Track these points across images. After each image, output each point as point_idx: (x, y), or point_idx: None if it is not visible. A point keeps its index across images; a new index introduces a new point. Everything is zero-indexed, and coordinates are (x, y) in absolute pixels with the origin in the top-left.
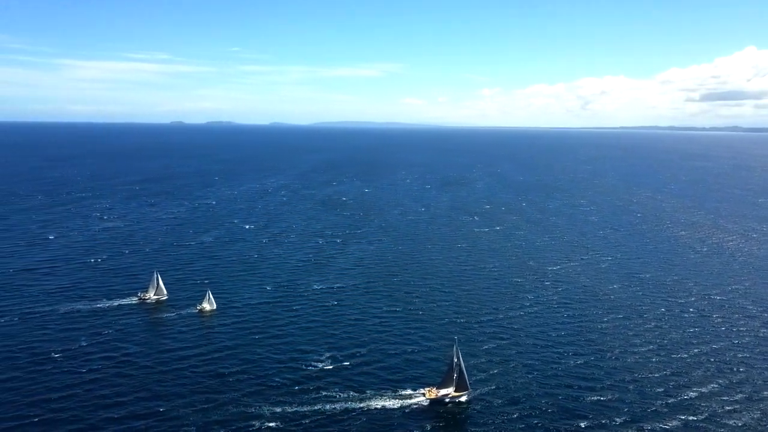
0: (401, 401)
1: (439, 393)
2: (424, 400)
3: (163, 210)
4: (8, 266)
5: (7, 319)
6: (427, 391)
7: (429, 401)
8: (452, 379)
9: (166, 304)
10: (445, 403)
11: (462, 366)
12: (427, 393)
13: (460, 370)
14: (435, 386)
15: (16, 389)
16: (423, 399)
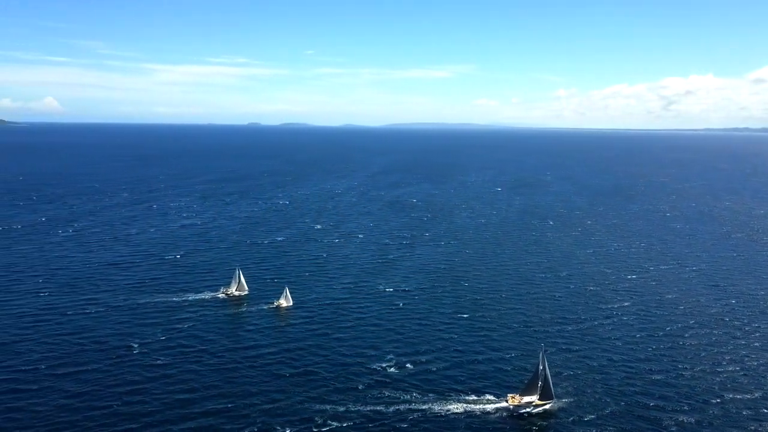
0: (476, 406)
1: (523, 400)
2: (507, 406)
3: (238, 209)
4: (96, 260)
5: (93, 309)
6: (510, 398)
7: (511, 407)
8: (537, 386)
9: (246, 300)
10: (527, 411)
11: (548, 374)
12: (510, 399)
13: (546, 378)
14: (518, 393)
15: (96, 379)
16: (505, 405)
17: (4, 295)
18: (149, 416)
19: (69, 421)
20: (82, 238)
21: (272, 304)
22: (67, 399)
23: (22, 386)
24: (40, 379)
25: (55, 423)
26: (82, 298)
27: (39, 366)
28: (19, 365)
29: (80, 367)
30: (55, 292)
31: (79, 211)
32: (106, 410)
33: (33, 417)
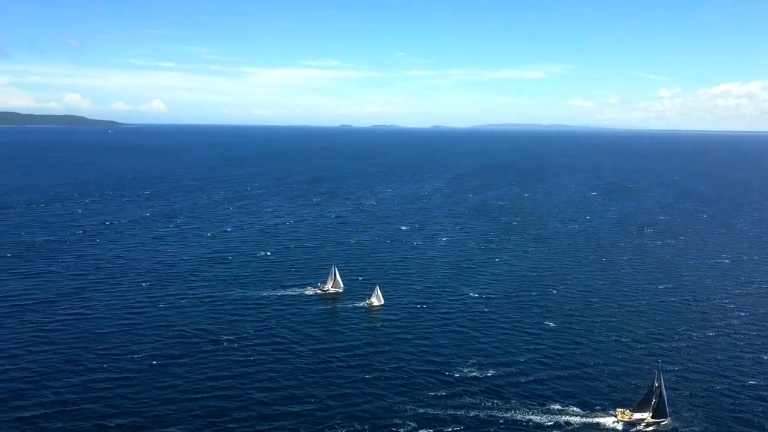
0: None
1: (634, 416)
2: (615, 421)
3: (327, 208)
4: (193, 255)
5: (187, 302)
6: (620, 413)
7: (621, 423)
8: (650, 403)
9: (341, 297)
10: (637, 429)
11: (663, 391)
12: (620, 415)
13: (660, 395)
14: (629, 408)
15: (188, 371)
16: (613, 420)
17: (109, 286)
18: (236, 411)
19: (163, 411)
20: (181, 233)
21: (364, 302)
22: (161, 390)
23: (122, 374)
24: (138, 368)
25: (150, 412)
26: (177, 291)
27: (135, 355)
28: (120, 353)
29: (174, 359)
30: (154, 284)
31: (179, 208)
32: (197, 402)
33: (133, 404)
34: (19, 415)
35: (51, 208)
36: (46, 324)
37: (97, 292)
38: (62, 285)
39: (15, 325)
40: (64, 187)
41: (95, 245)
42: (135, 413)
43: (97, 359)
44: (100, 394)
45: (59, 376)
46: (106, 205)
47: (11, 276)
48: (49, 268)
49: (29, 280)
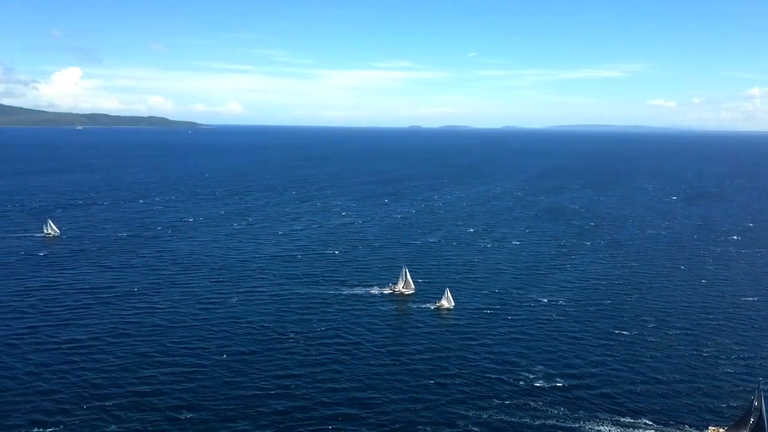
0: None
1: None
2: None
3: (394, 209)
4: (263, 251)
5: (257, 298)
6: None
7: None
8: (748, 423)
9: (411, 298)
10: None
11: (763, 412)
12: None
13: (760, 416)
14: (723, 428)
15: (255, 363)
16: None
17: (184, 281)
18: (296, 400)
19: (230, 406)
20: (253, 231)
21: (434, 304)
22: (228, 385)
23: (192, 368)
24: (207, 362)
25: (218, 406)
26: (247, 288)
27: (208, 346)
28: (192, 347)
29: (242, 354)
30: (225, 280)
31: (252, 206)
32: (261, 398)
33: (201, 398)
34: (99, 404)
35: (133, 205)
36: (125, 316)
37: (173, 287)
38: (140, 279)
39: (98, 315)
40: (146, 185)
41: (172, 241)
42: (203, 407)
43: (169, 352)
44: (172, 387)
45: (133, 368)
46: (184, 203)
47: (96, 268)
48: (129, 262)
49: (111, 273)
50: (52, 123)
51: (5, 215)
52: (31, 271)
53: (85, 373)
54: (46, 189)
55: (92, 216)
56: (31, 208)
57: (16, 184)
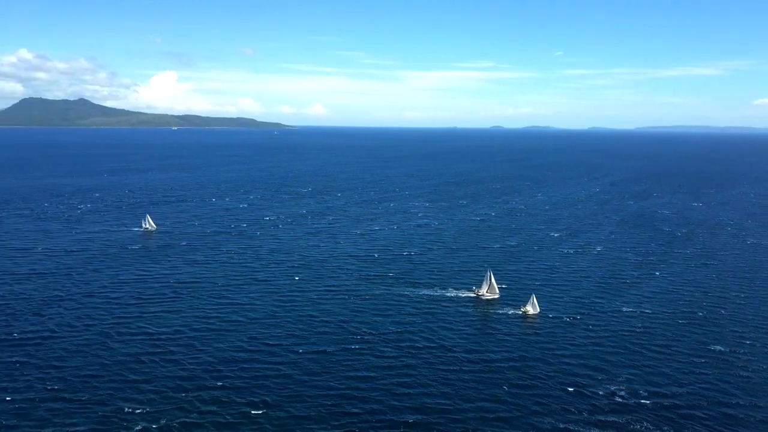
0: None
1: None
2: None
3: (472, 211)
4: (341, 250)
5: (334, 296)
6: None
7: None
8: None
9: (495, 303)
10: None
11: None
12: None
13: None
14: None
15: (329, 361)
16: None
17: (265, 275)
18: (368, 402)
19: (302, 401)
20: (332, 230)
21: (518, 309)
22: (303, 377)
23: (269, 364)
24: (283, 359)
25: (291, 402)
26: (325, 286)
27: (284, 343)
28: (270, 343)
29: (317, 352)
30: (304, 277)
31: (332, 206)
32: (333, 393)
33: (275, 394)
34: (180, 395)
35: (221, 203)
36: (207, 310)
37: (254, 283)
38: (224, 274)
39: (183, 309)
40: (232, 184)
41: (255, 238)
42: (277, 405)
43: (246, 347)
44: (248, 382)
45: (213, 361)
46: (268, 201)
47: (184, 263)
48: (215, 258)
49: (197, 267)
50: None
51: (107, 210)
52: (127, 264)
53: (167, 365)
54: (144, 186)
55: (183, 212)
56: (130, 204)
57: (117, 181)
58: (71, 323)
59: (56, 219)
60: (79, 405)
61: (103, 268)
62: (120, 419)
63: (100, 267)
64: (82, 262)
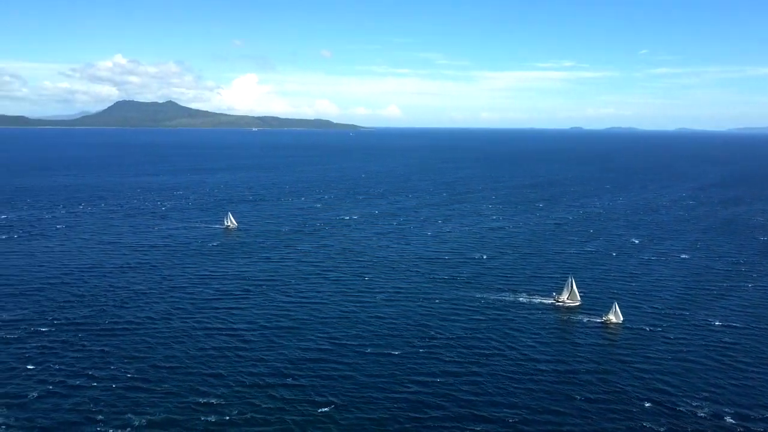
0: None
1: None
2: None
3: (548, 214)
4: (412, 252)
5: (403, 296)
6: None
7: None
8: None
9: (576, 310)
10: None
11: None
12: None
13: None
14: None
15: (394, 364)
16: None
17: (336, 274)
18: (433, 409)
19: (368, 398)
20: (403, 231)
21: (600, 317)
22: (369, 378)
23: (337, 357)
24: (351, 355)
25: (357, 399)
26: (394, 286)
27: (349, 342)
28: (338, 338)
29: (385, 350)
30: (375, 277)
31: (404, 206)
32: (397, 395)
33: (345, 387)
34: (251, 389)
35: (296, 202)
36: (280, 308)
37: (325, 282)
38: (296, 272)
39: (256, 305)
40: (308, 184)
41: (328, 237)
42: (342, 404)
43: (316, 345)
44: (315, 380)
45: (282, 357)
46: (340, 201)
47: (259, 260)
48: (289, 256)
49: (272, 264)
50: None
51: (190, 207)
52: (207, 259)
53: (239, 360)
54: (225, 185)
55: (261, 211)
56: (211, 202)
57: (199, 179)
58: (152, 316)
59: (143, 215)
60: (157, 394)
61: (185, 263)
62: (193, 409)
63: (182, 262)
64: (165, 256)
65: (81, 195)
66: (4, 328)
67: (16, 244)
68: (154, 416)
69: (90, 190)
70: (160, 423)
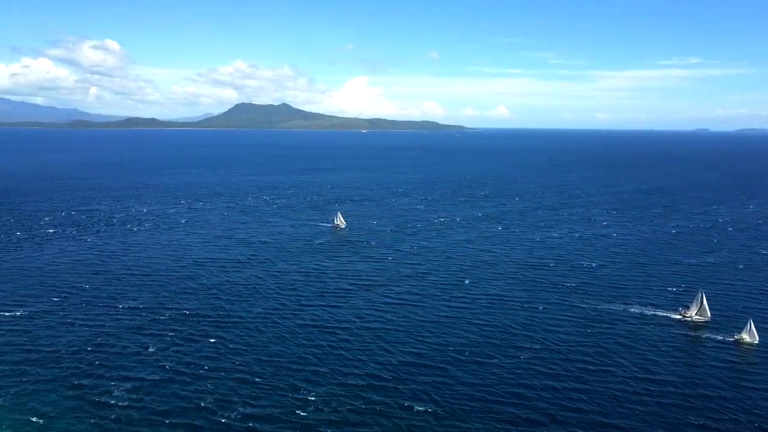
0: None
1: None
2: None
3: (665, 222)
4: (515, 257)
5: (503, 303)
6: None
7: None
8: None
9: (702, 327)
10: None
11: None
12: None
13: None
14: None
15: (492, 374)
16: None
17: (436, 276)
18: (532, 425)
19: (461, 401)
20: (507, 235)
21: (732, 336)
22: (466, 381)
23: (431, 362)
24: (449, 356)
25: (452, 400)
26: (495, 291)
27: (450, 345)
28: (436, 343)
29: (482, 357)
30: (476, 280)
31: (509, 209)
32: (493, 399)
33: (439, 389)
34: (346, 382)
35: (399, 202)
36: (379, 306)
37: (424, 283)
38: (397, 272)
39: (359, 304)
40: (413, 185)
41: (430, 239)
42: (436, 407)
43: (416, 344)
44: (413, 378)
45: (380, 354)
46: (444, 203)
47: (362, 259)
48: (389, 256)
49: (374, 264)
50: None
51: (300, 206)
52: (314, 257)
53: (343, 355)
54: (334, 185)
55: (366, 211)
56: (320, 201)
57: (310, 179)
58: (259, 310)
59: (255, 212)
60: (262, 385)
61: (292, 260)
62: (294, 401)
63: (290, 259)
64: (275, 253)
65: (201, 192)
66: (128, 314)
67: (144, 236)
68: (256, 408)
69: (209, 187)
70: (261, 415)
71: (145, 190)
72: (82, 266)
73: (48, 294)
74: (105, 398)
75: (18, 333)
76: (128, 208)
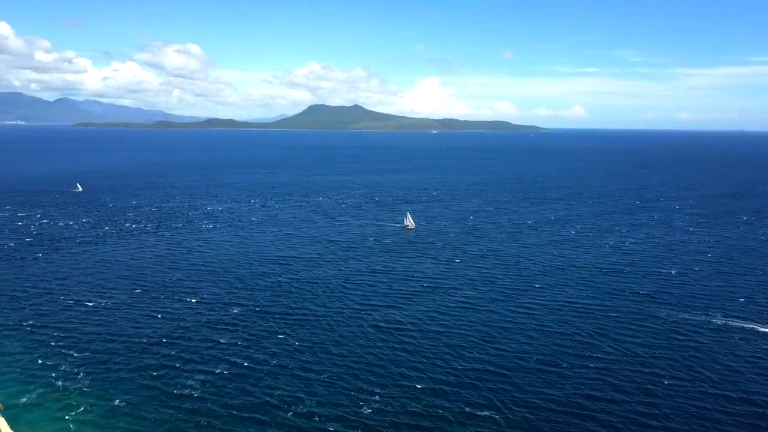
0: None
1: None
2: None
3: (754, 229)
4: (588, 262)
5: (572, 310)
6: None
7: None
8: None
9: None
10: None
11: None
12: None
13: None
14: None
15: (559, 382)
16: None
17: (505, 281)
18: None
19: (530, 408)
20: (580, 239)
21: None
22: (533, 387)
23: (493, 368)
24: (514, 361)
25: (518, 408)
26: (566, 296)
27: (517, 349)
28: (501, 345)
29: (549, 363)
30: (546, 285)
31: (583, 212)
32: (558, 415)
33: (505, 394)
34: (407, 384)
35: (467, 204)
36: (444, 308)
37: (491, 286)
38: (464, 274)
39: (424, 304)
40: (482, 186)
41: (499, 242)
42: (499, 413)
43: (481, 347)
44: (476, 383)
45: (447, 359)
46: (514, 205)
47: (428, 260)
48: (457, 257)
49: (441, 265)
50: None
51: (368, 206)
52: (382, 256)
53: (405, 355)
54: (403, 185)
55: (435, 212)
56: (389, 202)
57: (379, 179)
58: (327, 305)
59: (325, 211)
60: (326, 382)
61: (360, 260)
62: (354, 397)
63: (358, 258)
64: (344, 252)
65: (274, 191)
66: (203, 308)
67: (219, 233)
68: (320, 407)
69: (282, 186)
70: (324, 414)
71: (221, 188)
72: (161, 260)
73: (129, 286)
74: (180, 390)
75: (101, 323)
76: (204, 206)
